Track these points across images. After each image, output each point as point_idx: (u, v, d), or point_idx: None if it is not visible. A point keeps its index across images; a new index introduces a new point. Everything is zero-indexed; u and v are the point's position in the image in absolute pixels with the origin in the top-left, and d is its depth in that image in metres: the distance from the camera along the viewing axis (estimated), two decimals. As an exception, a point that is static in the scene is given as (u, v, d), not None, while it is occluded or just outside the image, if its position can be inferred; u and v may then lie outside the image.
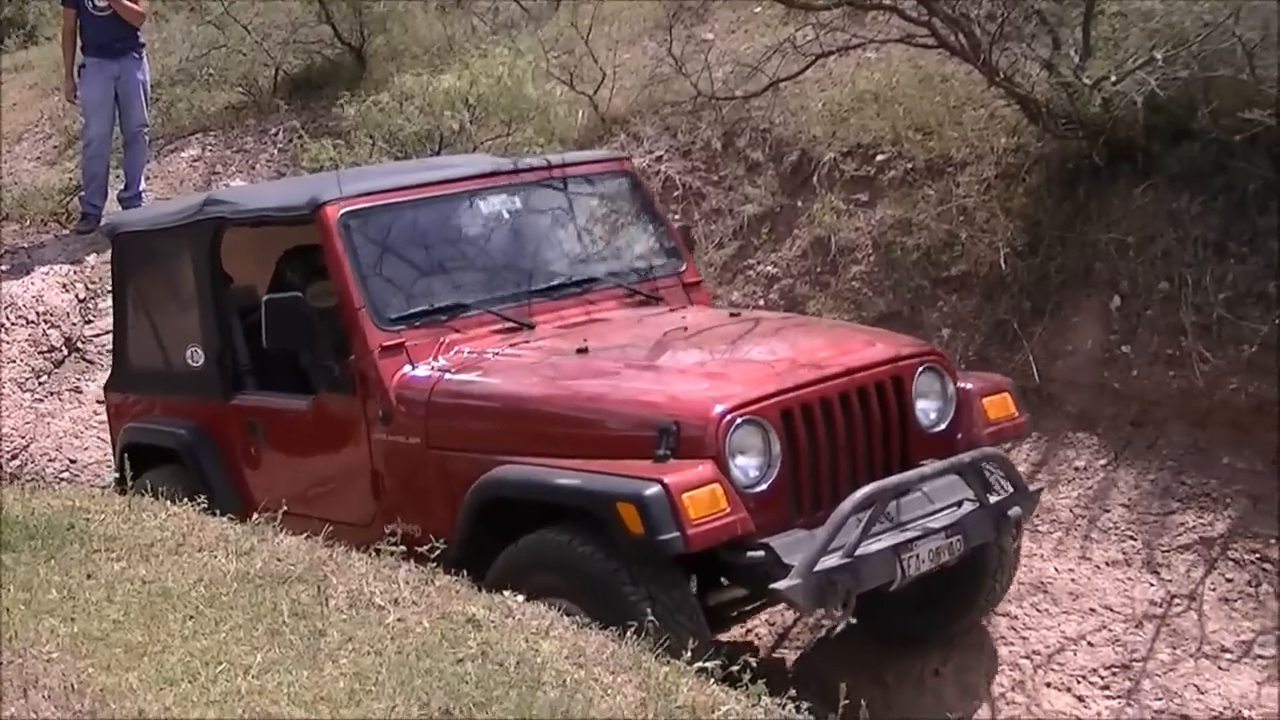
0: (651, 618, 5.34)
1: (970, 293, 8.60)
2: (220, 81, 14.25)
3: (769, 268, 7.80)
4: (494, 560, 6.11)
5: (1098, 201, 8.26)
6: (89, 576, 5.48)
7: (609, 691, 4.58)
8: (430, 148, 10.53)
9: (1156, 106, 7.77)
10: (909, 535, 6.04)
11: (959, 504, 6.28)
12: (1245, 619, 7.00)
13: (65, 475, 9.76)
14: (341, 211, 7.02)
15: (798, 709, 4.68)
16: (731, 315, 7.41)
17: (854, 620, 5.83)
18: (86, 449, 9.98)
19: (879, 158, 9.54)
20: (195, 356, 7.88)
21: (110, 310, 10.64)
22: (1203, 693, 6.83)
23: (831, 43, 9.02)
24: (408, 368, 6.77)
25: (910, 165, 9.32)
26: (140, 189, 11.74)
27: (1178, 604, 7.14)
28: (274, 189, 9.47)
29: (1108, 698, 6.94)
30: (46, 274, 11.06)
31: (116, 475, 8.23)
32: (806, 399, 6.05)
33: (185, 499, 7.19)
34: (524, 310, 7.18)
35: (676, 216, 9.41)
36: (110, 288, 9.20)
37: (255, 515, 6.89)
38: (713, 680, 4.77)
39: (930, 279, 8.78)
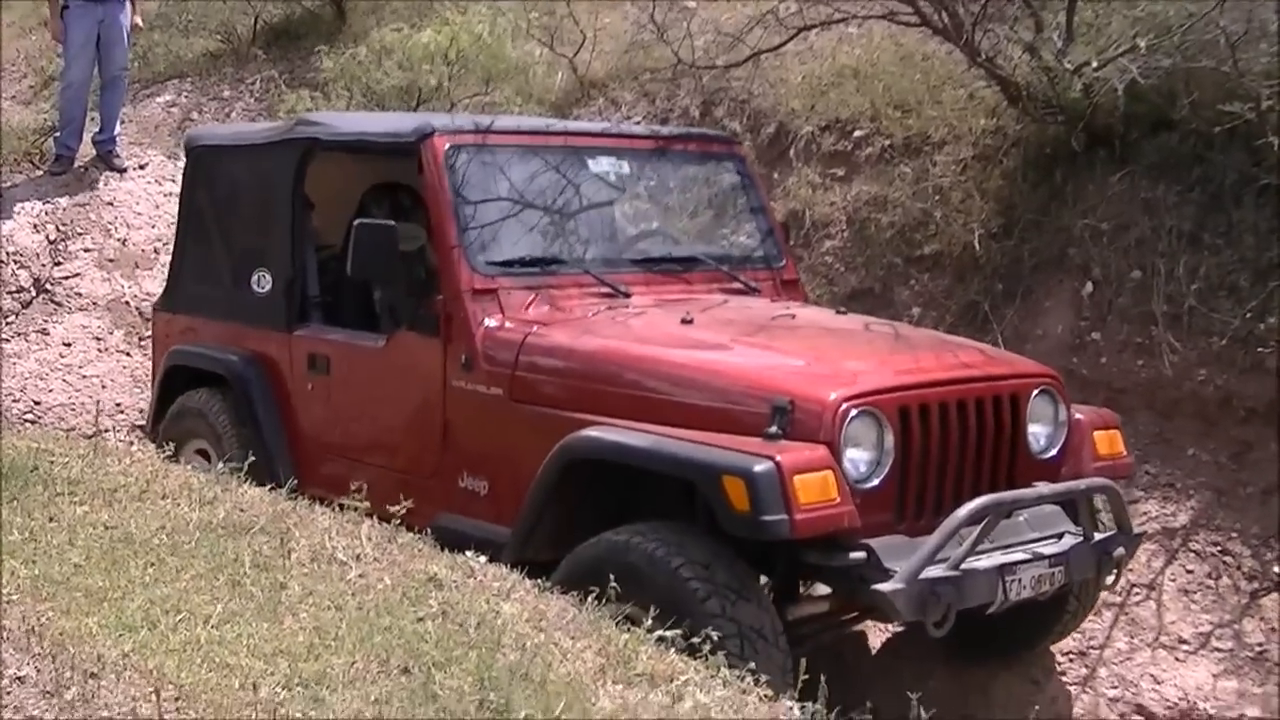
0: (729, 634, 5.10)
1: (943, 272, 8.62)
2: (198, 28, 14.13)
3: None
4: (559, 529, 5.89)
5: (1074, 187, 8.29)
6: (51, 520, 5.44)
7: (568, 656, 4.57)
8: (408, 103, 10.47)
9: (1137, 95, 7.78)
10: (1016, 557, 5.69)
11: (1059, 535, 5.93)
12: (1204, 611, 7.05)
13: (29, 417, 9.67)
14: (449, 144, 6.72)
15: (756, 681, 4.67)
16: (839, 313, 7.02)
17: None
18: (51, 391, 9.90)
19: (857, 134, 9.54)
20: (261, 282, 7.56)
21: (79, 252, 10.69)
22: (1159, 683, 6.87)
23: (814, 16, 8.99)
24: (498, 315, 6.44)
25: (888, 142, 9.33)
26: (115, 132, 11.64)
27: (1137, 593, 7.18)
28: (370, 117, 8.94)
29: (1064, 684, 6.97)
30: (17, 214, 10.94)
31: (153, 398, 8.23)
32: (925, 399, 5.70)
33: (227, 428, 7.58)
34: (621, 278, 6.85)
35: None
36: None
37: (302, 452, 7.33)
38: (673, 649, 4.77)
39: (903, 257, 8.79)
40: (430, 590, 4.98)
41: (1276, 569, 7.08)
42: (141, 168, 11.68)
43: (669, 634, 4.83)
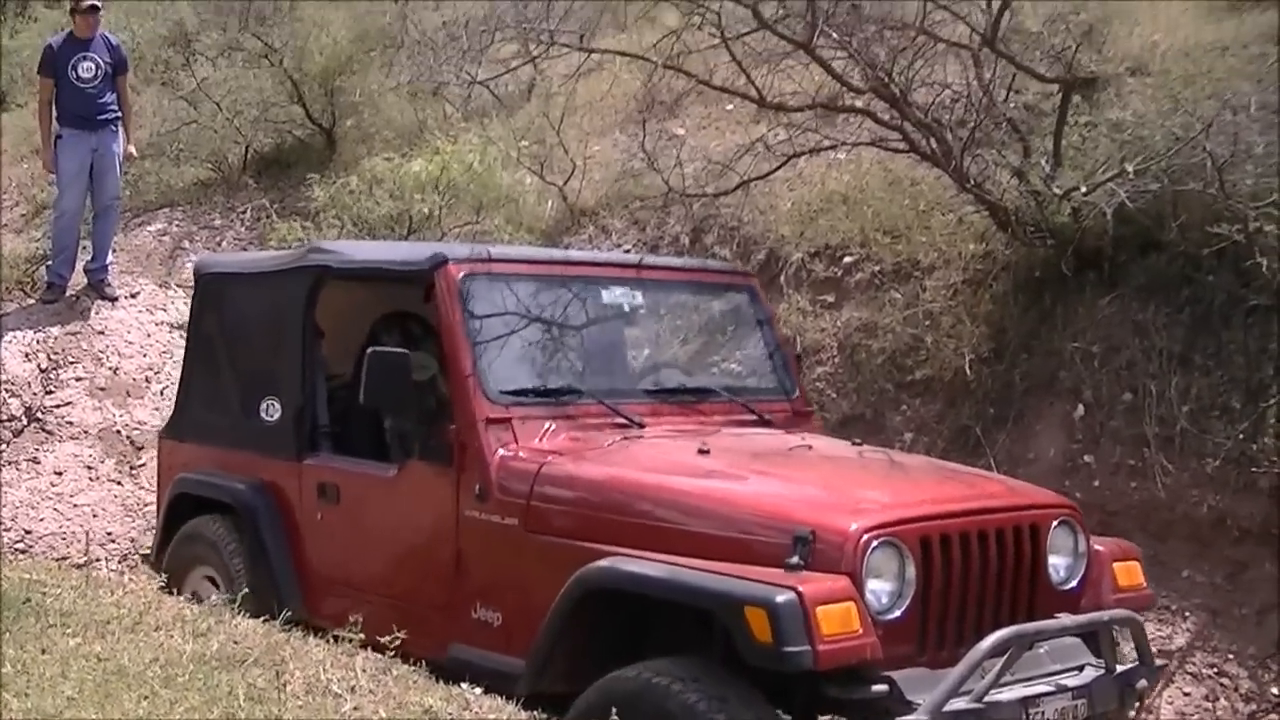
0: None
1: (934, 397, 8.65)
2: (189, 157, 14.25)
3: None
4: (573, 661, 5.71)
5: (1064, 310, 8.34)
6: (44, 651, 5.39)
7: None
8: (399, 232, 10.53)
9: (1125, 218, 7.86)
10: (1039, 690, 5.54)
11: (1081, 667, 5.78)
12: (1202, 734, 7.01)
13: (20, 546, 9.62)
14: (463, 273, 6.65)
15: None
16: (854, 444, 6.89)
17: None
18: (43, 520, 9.85)
19: (846, 259, 9.61)
20: (270, 410, 7.46)
21: (70, 380, 10.67)
22: (1162, 805, 6.82)
23: (803, 143, 9.08)
24: (512, 445, 6.30)
25: (878, 268, 9.39)
26: (107, 260, 11.68)
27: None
28: (381, 246, 8.89)
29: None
30: (9, 342, 10.95)
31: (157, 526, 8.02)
32: (946, 530, 5.56)
33: (234, 556, 7.39)
34: (634, 408, 6.72)
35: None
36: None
37: (310, 582, 7.16)
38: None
39: (895, 382, 8.83)
40: (426, 722, 4.95)
41: (1274, 690, 7.05)
42: (133, 296, 11.70)
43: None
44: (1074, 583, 6.06)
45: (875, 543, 5.33)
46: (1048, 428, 8.12)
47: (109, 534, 9.91)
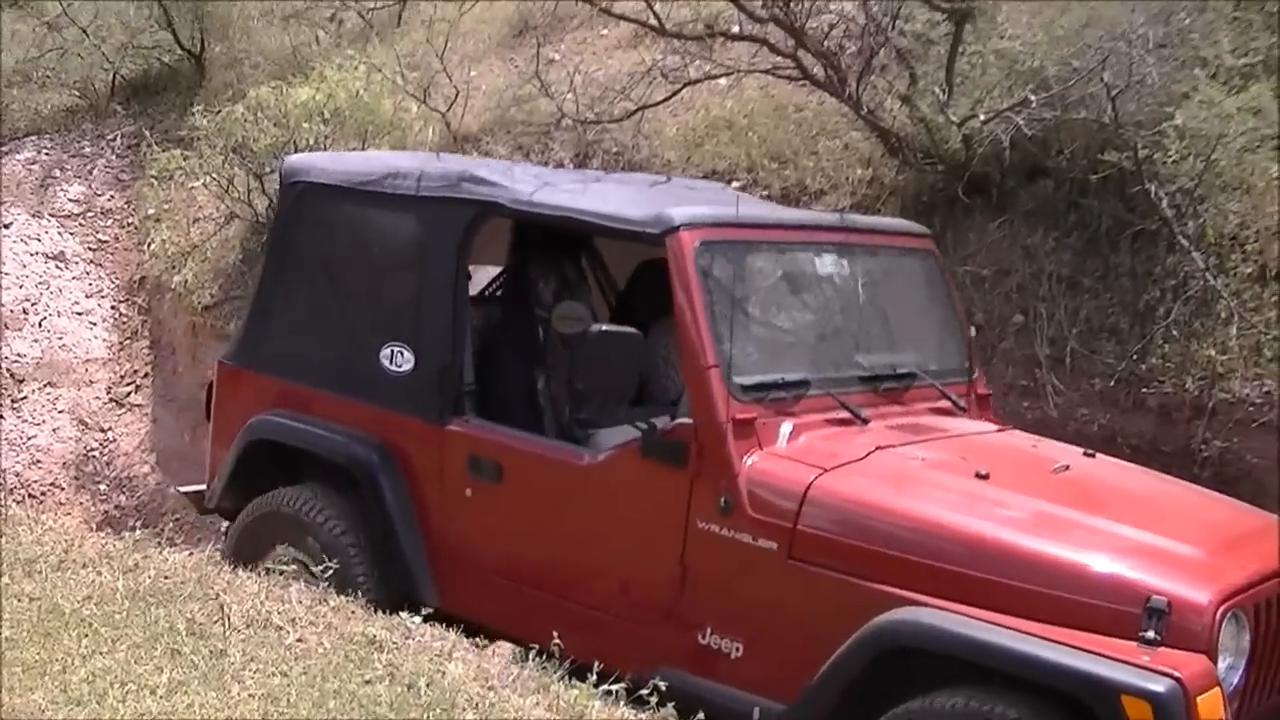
0: None
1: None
2: (55, 83, 14.01)
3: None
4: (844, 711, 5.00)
5: (954, 234, 8.52)
6: (-30, 593, 5.38)
7: (522, 714, 4.64)
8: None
9: (1013, 144, 8.03)
10: None
11: None
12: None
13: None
14: (700, 240, 5.64)
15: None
16: (1086, 455, 6.07)
17: None
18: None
19: (734, 185, 9.67)
20: (399, 359, 6.33)
21: None
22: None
23: (699, 70, 9.15)
24: (757, 450, 5.44)
25: (765, 193, 9.49)
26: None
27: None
28: (557, 183, 6.59)
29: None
30: None
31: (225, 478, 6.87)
32: (1275, 588, 5.02)
33: (340, 533, 6.33)
34: (853, 398, 5.86)
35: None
36: None
37: (448, 568, 6.18)
38: (621, 702, 4.84)
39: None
40: (372, 652, 5.01)
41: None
42: (5, 227, 11.53)
43: (614, 687, 4.88)
44: None
45: (1229, 614, 4.78)
46: (940, 349, 8.29)
47: (-7, 466, 9.82)
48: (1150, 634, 4.58)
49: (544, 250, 6.80)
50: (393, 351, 6.34)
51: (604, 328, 5.66)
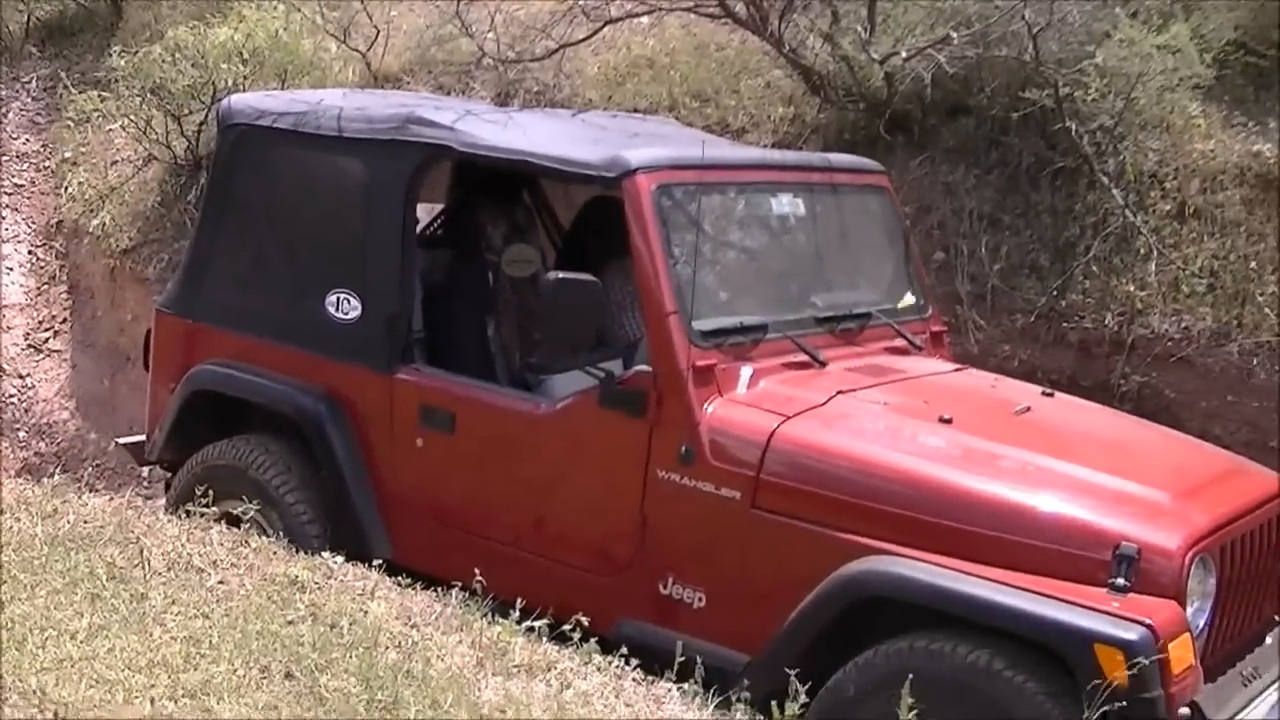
0: None
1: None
2: (-35, 24, 13.78)
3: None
4: (811, 657, 4.87)
5: (875, 172, 8.52)
6: (-116, 541, 5.31)
7: (445, 651, 4.64)
8: (204, 102, 10.34)
9: (935, 82, 8.07)
10: None
11: None
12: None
13: None
14: (657, 184, 5.50)
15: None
16: (1045, 395, 6.02)
17: None
18: None
19: (663, 123, 9.68)
20: (346, 307, 6.14)
21: None
22: None
23: (620, 8, 9.12)
24: (716, 398, 5.34)
25: (690, 131, 9.47)
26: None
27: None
28: (502, 123, 6.35)
29: None
30: None
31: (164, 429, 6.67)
32: (1238, 530, 5.01)
33: (287, 485, 6.22)
34: (810, 340, 5.76)
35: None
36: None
37: (399, 520, 6.05)
38: (544, 639, 4.85)
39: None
40: (294, 593, 5.00)
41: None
42: (-81, 172, 11.39)
43: (537, 624, 4.89)
44: None
45: (1196, 558, 4.76)
46: (862, 286, 8.34)
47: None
48: (1120, 580, 4.55)
49: (489, 190, 6.67)
50: (339, 299, 6.19)
51: (561, 275, 5.46)
